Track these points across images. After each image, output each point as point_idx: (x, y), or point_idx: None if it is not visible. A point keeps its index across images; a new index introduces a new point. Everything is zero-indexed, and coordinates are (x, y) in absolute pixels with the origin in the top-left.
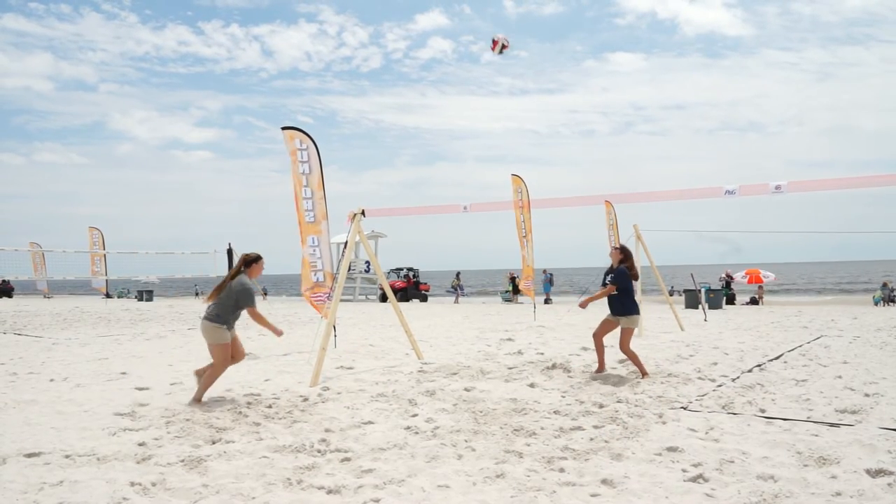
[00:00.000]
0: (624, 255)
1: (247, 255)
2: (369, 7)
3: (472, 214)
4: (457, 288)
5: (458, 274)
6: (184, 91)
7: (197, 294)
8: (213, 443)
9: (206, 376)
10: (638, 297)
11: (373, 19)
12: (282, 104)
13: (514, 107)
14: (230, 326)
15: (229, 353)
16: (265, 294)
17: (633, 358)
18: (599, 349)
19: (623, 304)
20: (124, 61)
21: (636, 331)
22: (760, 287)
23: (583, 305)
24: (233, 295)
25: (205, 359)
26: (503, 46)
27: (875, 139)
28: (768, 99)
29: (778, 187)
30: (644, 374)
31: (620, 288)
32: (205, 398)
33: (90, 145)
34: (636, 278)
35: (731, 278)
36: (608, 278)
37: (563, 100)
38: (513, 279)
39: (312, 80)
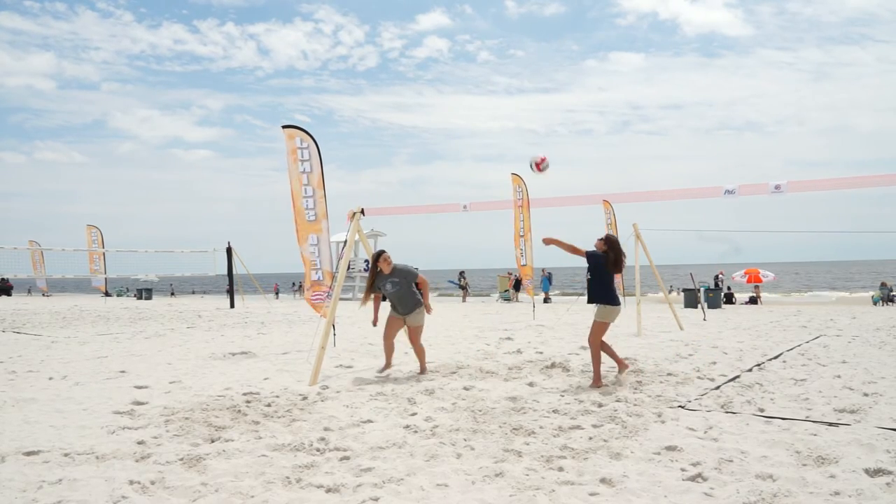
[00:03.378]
0: (608, 245)
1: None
2: (370, 7)
3: (472, 214)
4: (464, 286)
5: (462, 273)
6: (180, 90)
7: (172, 294)
8: (212, 441)
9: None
10: (638, 297)
11: (373, 19)
12: (279, 103)
13: (511, 106)
14: (396, 311)
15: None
16: (277, 294)
17: (602, 355)
18: (606, 352)
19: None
20: (121, 60)
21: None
22: (757, 287)
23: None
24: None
25: (203, 357)
26: (538, 165)
27: (872, 139)
28: (765, 98)
29: (777, 187)
30: (598, 382)
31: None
32: (205, 397)
33: (91, 144)
34: (617, 271)
35: (718, 279)
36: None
37: (560, 99)
38: (512, 277)
39: (309, 79)
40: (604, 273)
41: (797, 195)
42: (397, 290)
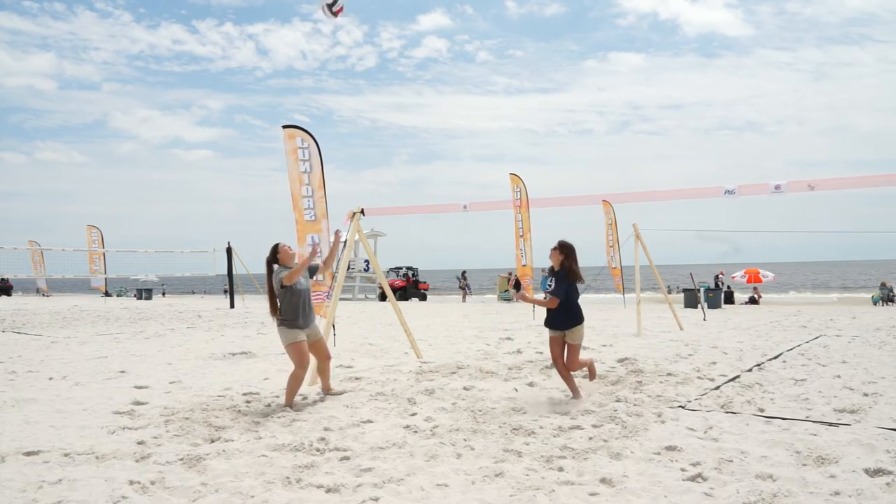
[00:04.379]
0: (564, 253)
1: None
2: (369, 7)
3: (472, 214)
4: (465, 287)
5: (463, 273)
6: (180, 90)
7: (164, 294)
8: (212, 441)
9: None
10: (638, 297)
11: (372, 19)
12: (278, 103)
13: (510, 106)
14: (300, 324)
15: (305, 353)
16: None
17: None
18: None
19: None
20: (120, 60)
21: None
22: (755, 288)
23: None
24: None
25: (203, 357)
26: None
27: (872, 139)
28: (765, 98)
29: (777, 187)
30: (577, 394)
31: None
32: (205, 397)
33: (91, 144)
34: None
35: (718, 279)
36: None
37: (559, 99)
38: (512, 279)
39: (308, 79)
40: (575, 290)
41: (798, 195)
42: (308, 285)
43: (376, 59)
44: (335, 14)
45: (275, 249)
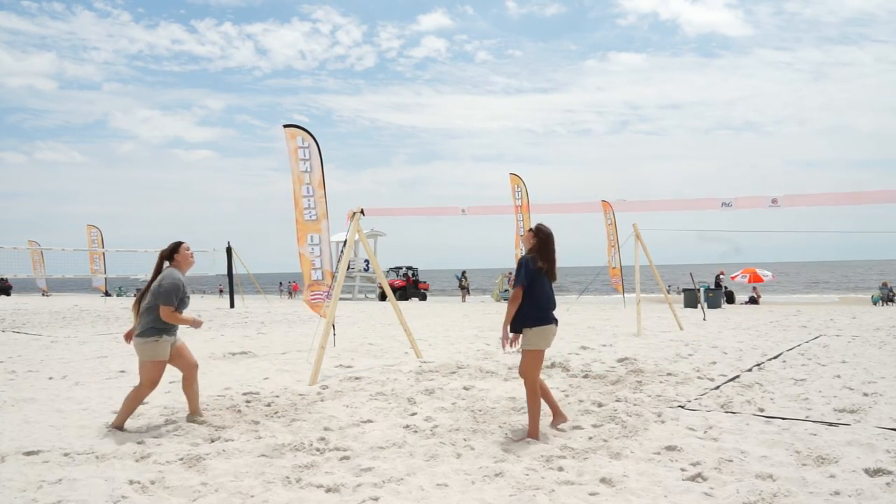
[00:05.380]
0: (538, 237)
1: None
2: (368, 7)
3: (471, 214)
4: (465, 287)
5: (464, 273)
6: (179, 90)
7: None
8: (212, 441)
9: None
10: (638, 297)
11: (372, 19)
12: (277, 103)
13: (509, 106)
14: (172, 333)
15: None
16: (291, 294)
17: (540, 395)
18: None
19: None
20: (120, 60)
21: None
22: (755, 288)
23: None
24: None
25: (203, 357)
26: None
27: (872, 139)
28: (764, 98)
29: (774, 201)
30: (560, 417)
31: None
32: (205, 397)
33: (91, 143)
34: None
35: (719, 279)
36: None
37: (558, 99)
38: (512, 278)
39: (307, 79)
40: (544, 282)
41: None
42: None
43: (375, 58)
44: None
45: (175, 247)
